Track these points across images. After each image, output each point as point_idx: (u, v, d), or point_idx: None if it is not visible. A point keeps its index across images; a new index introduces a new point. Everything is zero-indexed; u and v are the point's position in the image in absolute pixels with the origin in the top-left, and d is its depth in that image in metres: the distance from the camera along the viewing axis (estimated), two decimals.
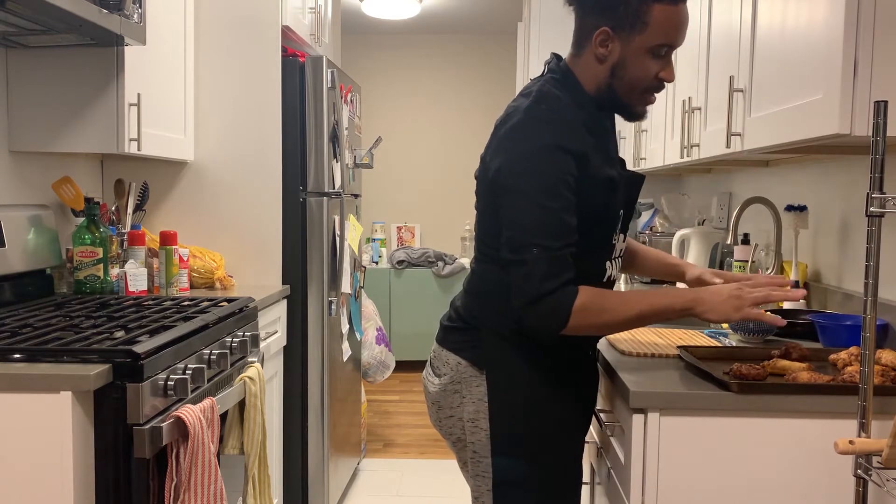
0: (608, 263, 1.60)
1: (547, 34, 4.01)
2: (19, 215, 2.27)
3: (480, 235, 1.58)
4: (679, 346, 1.71)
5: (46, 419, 1.48)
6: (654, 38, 1.45)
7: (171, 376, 1.68)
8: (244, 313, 2.26)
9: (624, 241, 1.67)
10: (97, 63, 2.29)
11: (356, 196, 3.54)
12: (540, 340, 1.50)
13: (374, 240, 6.00)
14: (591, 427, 1.95)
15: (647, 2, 1.43)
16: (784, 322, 1.52)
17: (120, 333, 1.78)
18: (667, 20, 1.44)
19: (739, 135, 1.91)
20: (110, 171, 2.88)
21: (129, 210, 2.66)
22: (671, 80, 1.50)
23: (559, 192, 1.42)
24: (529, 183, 1.42)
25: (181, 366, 1.76)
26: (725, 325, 2.08)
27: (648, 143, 3.06)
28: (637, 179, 1.65)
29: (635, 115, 1.56)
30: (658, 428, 1.43)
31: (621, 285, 3.12)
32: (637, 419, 1.44)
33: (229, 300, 2.30)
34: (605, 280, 1.60)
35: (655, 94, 1.53)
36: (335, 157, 3.04)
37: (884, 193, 1.23)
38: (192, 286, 2.73)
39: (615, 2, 1.45)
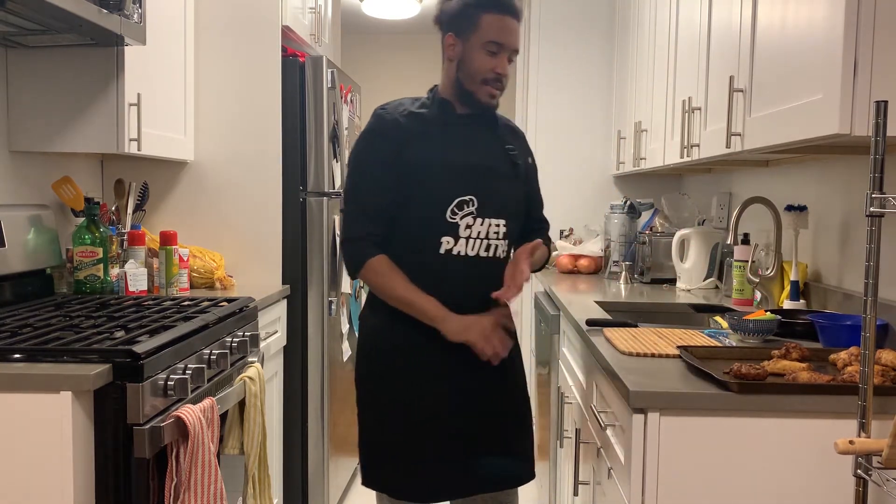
0: (447, 238, 1.88)
1: (547, 34, 4.01)
2: (19, 215, 2.27)
3: None
4: (679, 346, 1.71)
5: (46, 419, 1.48)
6: (485, 37, 1.86)
7: (171, 376, 1.68)
8: (244, 313, 2.26)
9: (485, 226, 1.90)
10: (97, 63, 2.29)
11: None
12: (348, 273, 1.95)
13: None
14: (591, 428, 1.95)
15: (478, 12, 1.86)
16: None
17: (120, 333, 1.78)
18: (493, 24, 1.86)
19: (739, 135, 1.91)
20: (110, 171, 2.88)
21: (129, 210, 2.66)
22: (504, 73, 1.89)
23: (370, 167, 1.89)
24: (354, 159, 1.93)
25: (181, 366, 1.76)
26: (725, 325, 2.08)
27: (648, 143, 3.06)
28: (489, 172, 1.92)
29: (480, 102, 1.92)
30: (658, 428, 1.43)
31: (621, 284, 3.13)
32: (637, 419, 1.44)
33: (229, 300, 2.30)
34: (442, 252, 1.88)
35: (495, 89, 1.90)
36: (335, 156, 3.04)
37: (884, 193, 1.23)
38: (192, 286, 2.73)
39: (457, 14, 1.89)
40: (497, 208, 1.92)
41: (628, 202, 3.44)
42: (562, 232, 3.97)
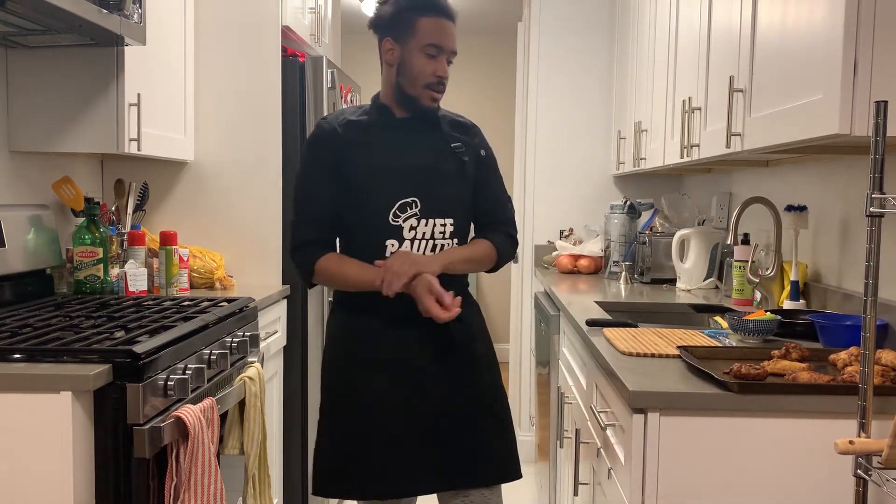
0: (391, 241, 1.90)
1: (547, 34, 4.01)
2: (19, 215, 2.27)
3: None
4: (679, 346, 1.71)
5: (46, 419, 1.48)
6: (423, 40, 1.88)
7: (171, 376, 1.68)
8: (244, 313, 2.26)
9: (430, 226, 1.92)
10: (97, 63, 2.29)
11: None
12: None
13: None
14: (591, 428, 1.95)
15: (413, 16, 1.89)
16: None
17: (120, 333, 1.78)
18: (430, 27, 1.88)
19: (739, 135, 1.91)
20: (110, 171, 2.88)
21: (129, 210, 2.66)
22: (443, 74, 1.91)
23: (312, 176, 1.95)
24: (299, 169, 2.00)
25: (181, 366, 1.76)
26: (725, 325, 2.08)
27: (648, 143, 3.06)
28: (428, 173, 1.93)
29: (422, 107, 1.95)
30: (658, 428, 1.43)
31: (621, 284, 3.13)
32: (637, 419, 1.44)
33: (229, 300, 2.30)
34: (388, 255, 1.90)
35: (437, 92, 1.93)
36: None
37: (884, 193, 1.23)
38: (192, 286, 2.73)
39: (393, 19, 1.91)
40: (443, 207, 1.94)
41: (628, 202, 3.45)
42: (562, 232, 3.97)
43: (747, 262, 2.47)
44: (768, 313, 1.93)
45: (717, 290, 2.95)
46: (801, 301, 2.29)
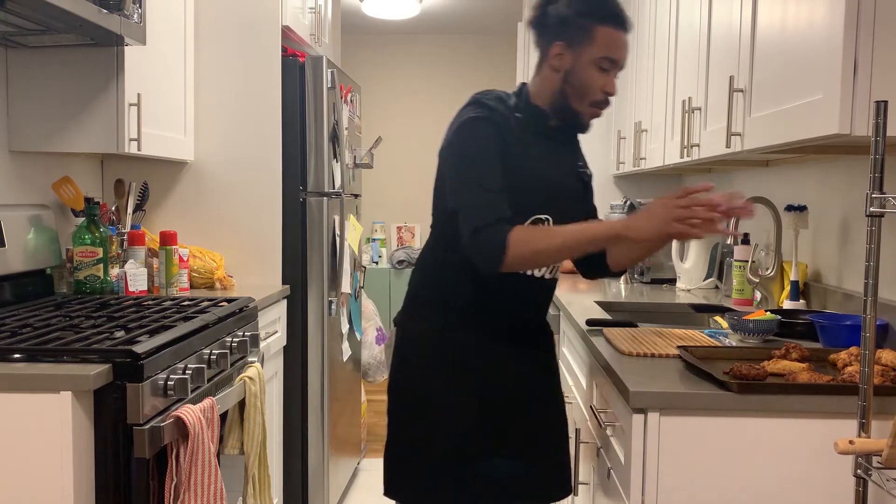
0: None
1: None
2: (19, 215, 2.27)
3: (434, 214, 1.85)
4: (679, 346, 1.71)
5: (46, 419, 1.48)
6: (598, 52, 1.71)
7: (171, 376, 1.68)
8: (244, 313, 2.26)
9: None
10: (97, 63, 2.29)
11: (356, 196, 3.54)
12: (482, 271, 1.68)
13: (374, 240, 6.00)
14: (591, 428, 1.95)
15: (593, 23, 1.71)
16: (751, 210, 1.58)
17: (120, 333, 1.78)
18: (608, 39, 1.71)
19: (739, 135, 1.91)
20: (110, 171, 2.88)
21: (129, 210, 2.66)
22: (613, 92, 1.75)
23: (487, 153, 1.69)
24: (459, 146, 1.72)
25: (181, 366, 1.76)
26: (725, 325, 2.08)
27: (648, 143, 3.06)
28: (566, 192, 1.82)
29: (582, 124, 1.80)
30: (658, 428, 1.43)
31: (621, 284, 3.13)
32: (637, 419, 1.44)
33: (229, 300, 2.30)
34: (528, 274, 1.78)
35: (601, 110, 1.77)
36: (335, 157, 3.04)
37: (884, 193, 1.23)
38: (192, 286, 2.73)
39: (569, 22, 1.72)
40: None
41: (628, 202, 3.44)
42: None
43: (747, 262, 2.47)
44: (768, 313, 1.93)
45: (717, 290, 2.95)
46: (801, 301, 2.29)
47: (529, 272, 1.79)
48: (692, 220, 1.54)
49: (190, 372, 1.76)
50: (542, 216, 1.76)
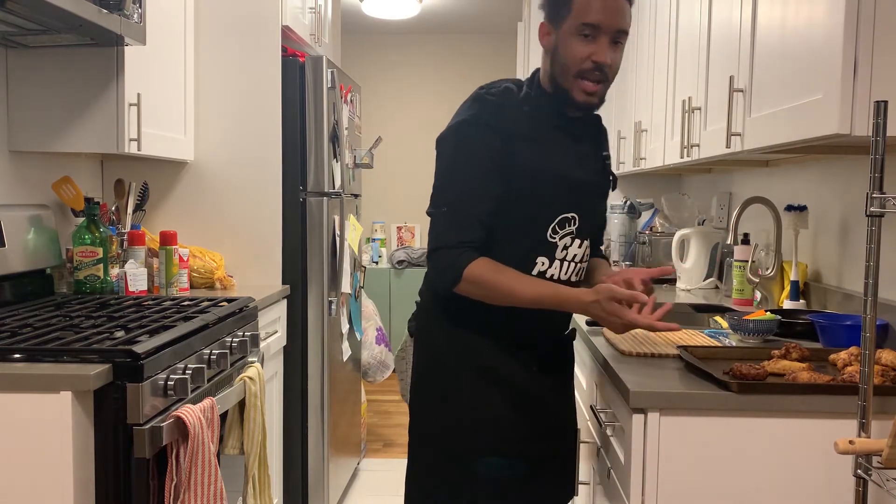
0: (542, 259, 1.67)
1: None
2: (19, 215, 2.27)
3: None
4: (679, 346, 1.71)
5: (46, 419, 1.48)
6: (578, 19, 1.58)
7: (171, 376, 1.68)
8: (244, 313, 2.26)
9: (581, 248, 1.72)
10: (97, 63, 2.29)
11: (356, 196, 3.54)
12: (437, 290, 1.67)
13: (374, 240, 6.00)
14: (591, 428, 1.95)
15: None
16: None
17: (120, 333, 1.78)
18: (583, 4, 1.58)
19: (739, 135, 1.91)
20: (110, 171, 2.88)
21: (129, 210, 2.66)
22: (603, 60, 1.59)
23: (478, 163, 1.60)
24: (449, 149, 1.65)
25: (181, 366, 1.76)
26: (725, 325, 2.08)
27: (648, 143, 3.06)
28: (591, 188, 1.73)
29: (575, 101, 1.64)
30: (658, 428, 1.43)
31: None
32: (637, 419, 1.44)
33: (229, 300, 2.30)
34: (534, 274, 1.67)
35: (591, 82, 1.61)
36: (335, 157, 3.04)
37: (884, 193, 1.23)
38: (192, 286, 2.73)
39: None
40: (590, 229, 1.74)
41: (628, 202, 3.45)
42: None
43: (747, 261, 2.47)
44: (768, 313, 1.93)
45: (717, 290, 2.95)
46: (801, 301, 2.29)
47: (553, 275, 1.69)
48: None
49: (190, 372, 1.76)
50: (568, 214, 1.66)
